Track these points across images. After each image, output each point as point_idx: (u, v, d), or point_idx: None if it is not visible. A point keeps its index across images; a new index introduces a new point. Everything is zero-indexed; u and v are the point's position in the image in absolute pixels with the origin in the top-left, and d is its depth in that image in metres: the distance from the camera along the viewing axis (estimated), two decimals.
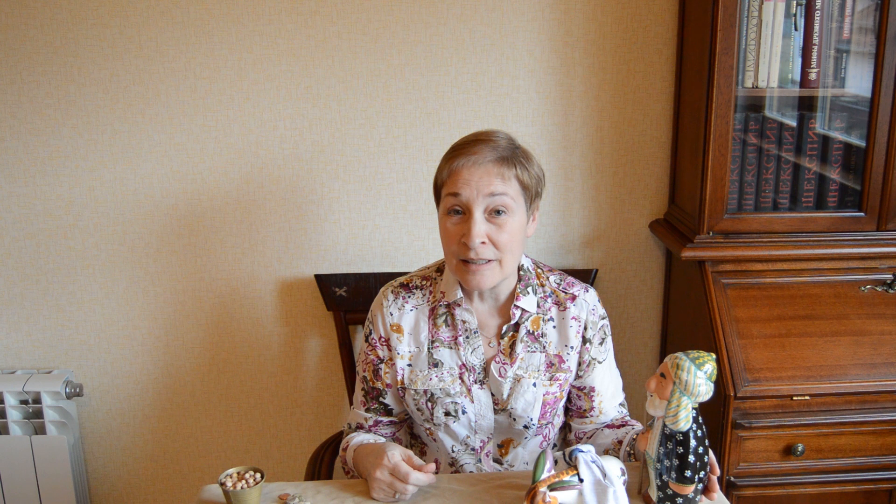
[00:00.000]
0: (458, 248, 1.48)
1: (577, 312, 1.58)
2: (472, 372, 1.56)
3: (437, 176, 1.54)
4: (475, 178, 1.44)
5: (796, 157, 1.93)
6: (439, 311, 1.58)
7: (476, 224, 1.44)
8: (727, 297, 1.86)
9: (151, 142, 2.05)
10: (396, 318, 1.59)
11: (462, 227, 1.47)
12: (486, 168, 1.45)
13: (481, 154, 1.46)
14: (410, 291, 1.61)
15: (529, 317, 1.57)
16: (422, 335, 1.58)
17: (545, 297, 1.59)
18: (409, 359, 1.58)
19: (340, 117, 2.06)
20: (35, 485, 2.13)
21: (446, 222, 1.49)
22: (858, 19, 1.87)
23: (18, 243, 2.10)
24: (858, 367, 1.77)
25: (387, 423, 1.63)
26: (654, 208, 2.18)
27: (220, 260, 2.14)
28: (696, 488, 1.28)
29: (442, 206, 1.51)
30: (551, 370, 1.57)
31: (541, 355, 1.57)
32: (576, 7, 2.03)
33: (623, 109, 2.10)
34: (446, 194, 1.48)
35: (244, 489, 1.30)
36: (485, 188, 1.44)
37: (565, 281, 1.62)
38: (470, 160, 1.46)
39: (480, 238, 1.44)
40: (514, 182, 1.47)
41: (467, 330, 1.57)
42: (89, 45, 1.98)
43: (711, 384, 1.24)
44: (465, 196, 1.45)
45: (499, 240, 1.46)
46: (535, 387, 1.56)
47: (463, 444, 1.60)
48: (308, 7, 1.99)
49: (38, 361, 2.18)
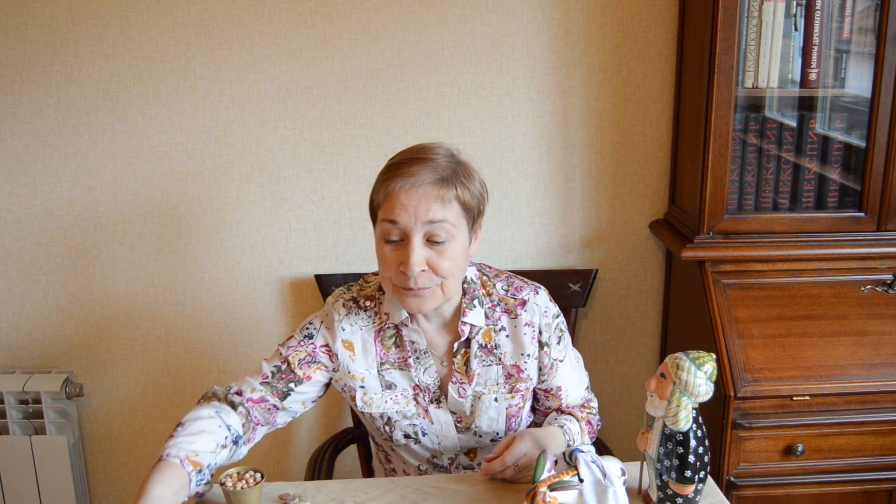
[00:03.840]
0: (395, 275, 1.40)
1: (530, 318, 1.51)
2: (426, 392, 1.52)
3: (372, 196, 1.44)
4: (413, 203, 1.35)
5: (796, 157, 1.93)
6: (387, 332, 1.52)
7: (415, 252, 1.36)
8: (727, 298, 1.86)
9: (151, 142, 2.05)
10: (348, 333, 1.51)
11: (400, 253, 1.38)
12: (425, 191, 1.36)
13: (419, 175, 1.37)
14: (359, 310, 1.53)
15: (479, 330, 1.50)
16: (369, 357, 1.52)
17: (493, 307, 1.52)
18: (361, 380, 1.52)
19: (340, 117, 2.06)
20: (35, 485, 2.13)
21: (384, 248, 1.40)
22: (858, 19, 1.87)
23: (18, 243, 2.10)
24: (858, 368, 1.77)
25: (271, 406, 1.48)
26: (654, 208, 2.18)
27: (220, 260, 2.14)
28: (696, 488, 1.28)
29: (378, 230, 1.42)
30: (510, 381, 1.53)
31: (497, 367, 1.52)
32: (576, 7, 2.03)
33: (623, 109, 2.10)
34: (382, 219, 1.39)
35: (244, 489, 1.30)
36: (423, 215, 1.35)
37: (513, 286, 1.54)
38: (407, 182, 1.36)
39: (420, 266, 1.37)
40: (454, 204, 1.39)
41: (416, 350, 1.51)
42: (89, 45, 1.98)
43: (711, 384, 1.24)
44: (402, 223, 1.36)
45: (439, 266, 1.38)
46: (497, 402, 1.52)
47: (430, 464, 1.58)
48: (308, 7, 1.99)
49: (38, 361, 2.18)
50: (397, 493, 1.39)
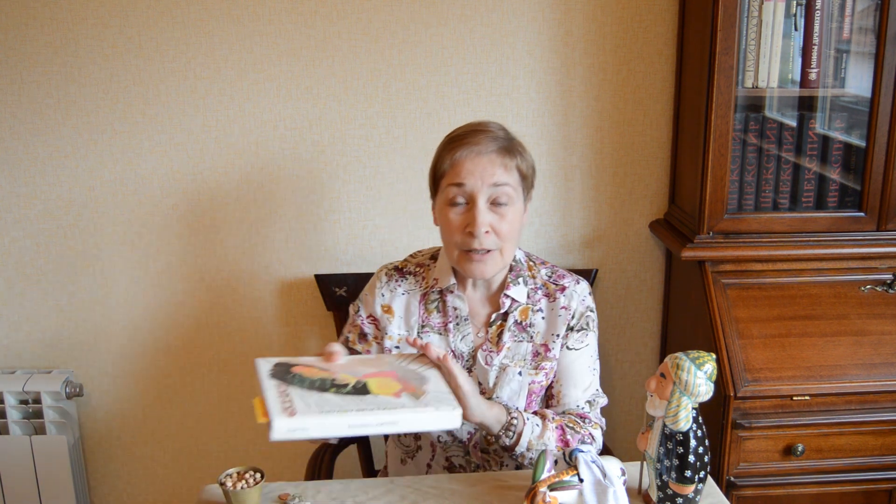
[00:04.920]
0: (461, 238, 1.50)
1: (567, 302, 1.60)
2: (459, 359, 1.58)
3: (436, 166, 1.54)
4: (479, 169, 1.47)
5: (796, 157, 1.93)
6: (431, 297, 1.61)
7: (480, 213, 1.47)
8: (727, 297, 1.86)
9: (151, 142, 2.05)
10: (388, 299, 1.62)
11: (465, 216, 1.49)
12: (490, 158, 1.48)
13: (484, 144, 1.49)
14: (404, 276, 1.64)
15: (518, 307, 1.59)
16: (412, 319, 1.61)
17: (535, 289, 1.61)
18: (397, 341, 1.60)
19: (340, 117, 2.06)
20: (35, 485, 2.13)
21: (448, 212, 1.51)
22: (858, 19, 1.87)
23: (18, 243, 2.10)
24: (858, 367, 1.77)
25: None
26: (654, 208, 2.18)
27: (220, 260, 2.14)
28: (696, 488, 1.28)
29: (442, 196, 1.52)
30: (537, 359, 1.58)
31: (527, 345, 1.59)
32: (576, 7, 2.03)
33: (623, 109, 2.10)
34: (448, 184, 1.50)
35: (244, 489, 1.30)
36: (489, 178, 1.47)
37: (556, 273, 1.64)
38: (473, 150, 1.48)
39: (485, 227, 1.47)
40: (515, 172, 1.51)
41: (458, 317, 1.59)
42: (89, 45, 1.98)
43: (711, 384, 1.24)
44: (469, 186, 1.47)
45: (501, 229, 1.49)
46: (521, 375, 1.57)
47: (450, 436, 1.60)
48: (308, 7, 1.99)
49: (38, 361, 2.18)
50: (397, 493, 1.39)
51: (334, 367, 1.34)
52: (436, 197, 1.57)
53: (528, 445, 1.47)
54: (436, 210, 1.58)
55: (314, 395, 1.22)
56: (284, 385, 1.26)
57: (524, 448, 1.47)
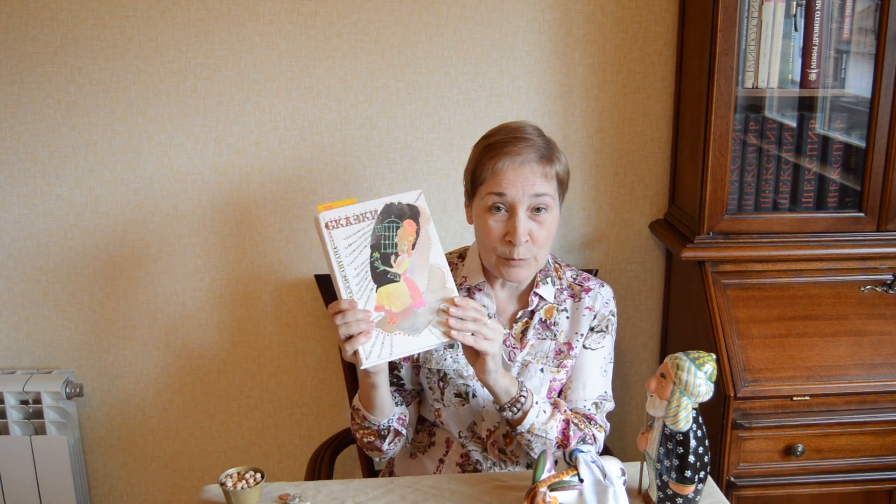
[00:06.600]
0: (500, 246, 1.52)
1: (592, 303, 1.64)
2: None
3: (476, 172, 1.55)
4: (520, 180, 1.49)
5: (796, 157, 1.93)
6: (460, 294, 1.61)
7: (521, 222, 1.49)
8: (727, 298, 1.86)
9: (151, 142, 2.05)
10: None
11: (505, 225, 1.51)
12: (532, 168, 1.50)
13: (525, 154, 1.50)
14: None
15: (545, 305, 1.62)
16: None
17: (561, 290, 1.65)
18: None
19: (340, 118, 2.06)
20: (35, 485, 2.13)
21: (487, 219, 1.52)
22: (858, 20, 1.87)
23: (18, 243, 2.10)
24: (858, 368, 1.77)
25: (394, 391, 1.63)
26: (654, 209, 2.18)
27: (221, 260, 2.14)
28: (696, 488, 1.28)
29: (481, 202, 1.54)
30: (560, 357, 1.61)
31: (551, 342, 1.62)
32: (576, 7, 2.03)
33: (623, 109, 2.10)
34: (489, 192, 1.51)
35: (244, 489, 1.30)
36: (530, 189, 1.49)
37: (581, 276, 1.68)
38: (515, 161, 1.49)
39: (525, 237, 1.50)
40: (554, 180, 1.53)
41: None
42: (89, 45, 1.98)
43: (711, 384, 1.24)
44: (510, 196, 1.49)
45: (538, 236, 1.52)
46: (543, 372, 1.59)
47: (469, 431, 1.61)
48: (308, 7, 1.99)
49: (38, 361, 2.18)
50: (397, 493, 1.39)
51: None
52: (473, 198, 1.58)
53: (531, 428, 1.49)
54: (472, 211, 1.59)
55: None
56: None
57: (525, 428, 1.49)
